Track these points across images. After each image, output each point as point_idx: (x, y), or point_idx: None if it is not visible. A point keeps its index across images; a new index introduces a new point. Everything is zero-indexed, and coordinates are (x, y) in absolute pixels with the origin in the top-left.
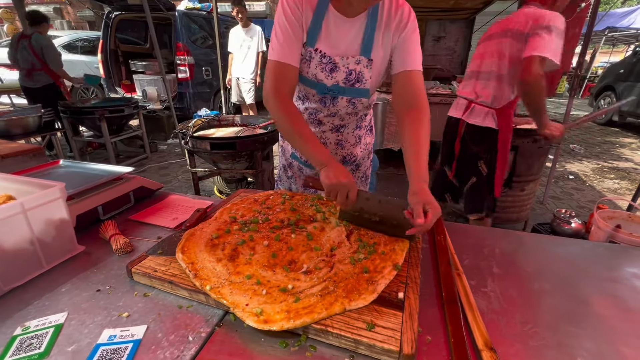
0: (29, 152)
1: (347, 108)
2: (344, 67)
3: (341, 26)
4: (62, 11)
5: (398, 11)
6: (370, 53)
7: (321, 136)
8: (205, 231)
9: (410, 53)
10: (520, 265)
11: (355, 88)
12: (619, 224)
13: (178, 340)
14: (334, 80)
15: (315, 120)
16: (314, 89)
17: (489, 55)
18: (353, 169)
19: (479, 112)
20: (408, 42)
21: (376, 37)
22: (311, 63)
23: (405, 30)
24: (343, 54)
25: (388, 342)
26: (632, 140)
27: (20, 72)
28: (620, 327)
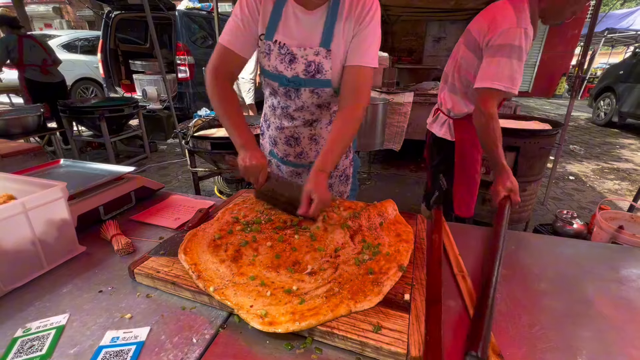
0: (29, 151)
1: (312, 99)
2: (303, 58)
3: (301, 18)
4: (61, 10)
5: (360, 3)
6: (329, 44)
7: (294, 131)
8: (208, 232)
9: (362, 48)
10: (525, 266)
11: (316, 79)
12: (622, 225)
13: (182, 343)
14: (293, 72)
15: (287, 115)
16: (276, 82)
17: (451, 57)
18: None
19: (439, 121)
20: (363, 36)
21: (337, 28)
22: (271, 55)
23: (363, 22)
24: (301, 45)
25: (395, 344)
26: (632, 141)
27: (31, 69)
28: (627, 328)
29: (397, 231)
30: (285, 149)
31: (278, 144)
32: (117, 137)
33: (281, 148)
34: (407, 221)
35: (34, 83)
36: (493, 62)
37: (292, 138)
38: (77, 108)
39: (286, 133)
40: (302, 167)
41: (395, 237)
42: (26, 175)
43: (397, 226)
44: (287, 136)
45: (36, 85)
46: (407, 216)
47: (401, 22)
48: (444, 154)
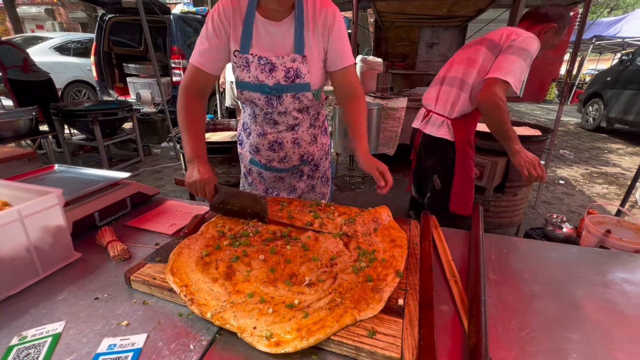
0: (22, 156)
1: (294, 104)
2: (282, 65)
3: (271, 30)
4: (53, 12)
5: (322, 12)
6: (303, 50)
7: (277, 136)
8: (194, 249)
9: (341, 52)
10: (516, 271)
11: (297, 84)
12: (609, 229)
13: (179, 349)
14: (275, 80)
15: (270, 121)
16: (257, 92)
17: (458, 62)
18: (312, 168)
19: (435, 121)
20: (337, 42)
21: (306, 36)
22: (250, 67)
23: (331, 32)
24: (278, 54)
25: (389, 349)
26: (619, 146)
27: (12, 70)
28: (614, 332)
29: (391, 237)
30: (269, 154)
31: (260, 150)
32: (110, 140)
33: (264, 154)
34: (400, 226)
35: (17, 82)
36: (510, 59)
37: (275, 143)
38: (70, 111)
39: (269, 139)
40: (285, 171)
41: (390, 243)
42: (20, 181)
43: (390, 231)
44: (270, 142)
45: (20, 85)
46: (401, 222)
47: (395, 28)
48: (441, 154)
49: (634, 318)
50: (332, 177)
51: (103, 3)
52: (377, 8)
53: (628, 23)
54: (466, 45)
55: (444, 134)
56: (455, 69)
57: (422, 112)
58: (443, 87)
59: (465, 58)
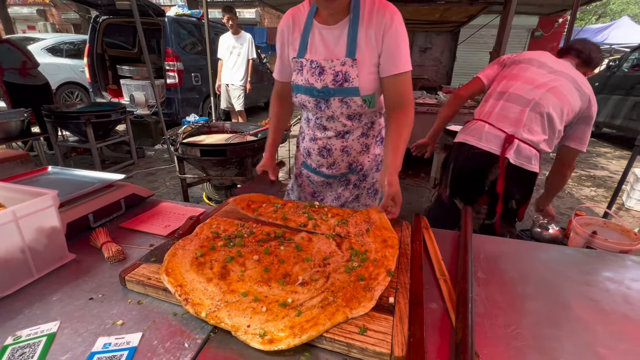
0: (15, 158)
1: (341, 108)
2: (331, 69)
3: (325, 35)
4: (45, 13)
5: (379, 14)
6: (355, 53)
7: (327, 142)
8: (188, 249)
9: (394, 57)
10: (504, 270)
11: (344, 88)
12: (595, 230)
13: (174, 347)
14: (323, 83)
15: (320, 126)
16: (308, 94)
17: (556, 93)
18: (360, 178)
19: (526, 153)
20: (391, 46)
21: (359, 37)
22: (303, 70)
23: (387, 34)
24: (329, 57)
25: (380, 345)
26: (607, 149)
27: (9, 72)
28: (596, 328)
29: (383, 237)
30: (319, 159)
31: (311, 154)
32: (103, 142)
33: (314, 159)
34: (392, 227)
35: (13, 86)
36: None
37: (324, 149)
38: (62, 113)
39: (319, 144)
40: (333, 177)
41: (381, 243)
42: (14, 183)
43: (382, 232)
44: (319, 147)
45: (16, 88)
46: (393, 222)
47: None
48: (529, 185)
49: (616, 315)
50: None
51: (97, 5)
52: None
53: (615, 30)
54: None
55: (534, 167)
56: (551, 100)
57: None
58: (533, 114)
59: (563, 94)
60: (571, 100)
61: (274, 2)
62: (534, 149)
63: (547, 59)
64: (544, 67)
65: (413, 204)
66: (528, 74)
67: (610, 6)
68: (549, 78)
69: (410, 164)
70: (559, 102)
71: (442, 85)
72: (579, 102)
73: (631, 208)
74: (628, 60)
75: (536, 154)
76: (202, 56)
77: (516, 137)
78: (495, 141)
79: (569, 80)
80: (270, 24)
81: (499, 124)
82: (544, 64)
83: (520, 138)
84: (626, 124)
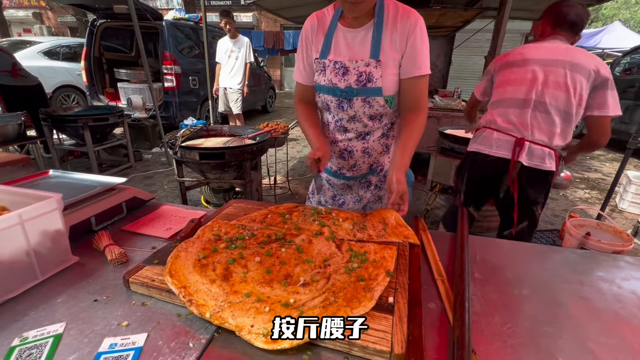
0: (17, 162)
1: (364, 108)
2: (355, 69)
3: (350, 37)
4: (41, 16)
5: (403, 19)
6: (379, 55)
7: (347, 145)
8: (191, 252)
9: (415, 59)
10: (499, 270)
11: (368, 88)
12: (589, 232)
13: (179, 347)
14: (346, 83)
15: (341, 128)
16: (330, 94)
17: (556, 86)
18: (380, 179)
19: (538, 153)
20: (413, 49)
21: (384, 40)
22: (326, 71)
23: (411, 36)
24: (353, 58)
25: (380, 343)
26: (600, 152)
27: (1, 75)
28: (589, 326)
29: (404, 234)
30: (339, 162)
31: (332, 157)
32: (100, 146)
33: (335, 162)
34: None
35: (6, 88)
36: (611, 94)
37: (345, 151)
38: (60, 116)
39: (340, 146)
40: (353, 179)
41: (380, 245)
42: (16, 186)
43: (400, 229)
44: (340, 149)
45: (9, 90)
46: None
47: None
48: (546, 185)
49: (607, 313)
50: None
51: (94, 9)
52: None
53: (607, 35)
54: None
55: (550, 166)
56: (552, 94)
57: (503, 139)
58: (538, 114)
59: (562, 84)
60: (571, 83)
61: (271, 7)
62: (547, 148)
63: (536, 53)
64: (535, 63)
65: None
66: (515, 75)
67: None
68: (542, 73)
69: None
70: (558, 92)
71: (437, 89)
72: (583, 79)
73: (624, 210)
74: (620, 65)
75: (550, 152)
76: (200, 60)
77: (526, 139)
78: (507, 146)
79: (562, 67)
80: (267, 27)
81: (506, 130)
82: (533, 60)
83: (531, 140)
84: (618, 127)
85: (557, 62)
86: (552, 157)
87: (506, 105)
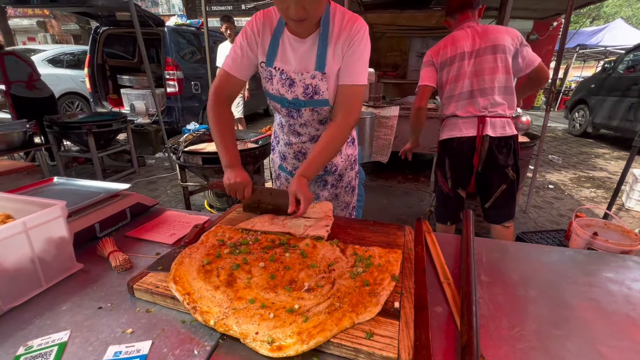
0: (22, 169)
1: (313, 116)
2: (301, 82)
3: (296, 47)
4: (45, 24)
5: (348, 25)
6: (324, 67)
7: (301, 147)
8: (194, 257)
9: (350, 68)
10: (506, 273)
11: (315, 100)
12: (596, 232)
13: (184, 354)
14: (293, 95)
15: (294, 132)
16: (279, 104)
17: (491, 71)
18: (336, 178)
19: (499, 124)
20: (352, 56)
21: (329, 51)
22: (273, 80)
23: (352, 43)
24: (299, 70)
25: (386, 349)
26: (605, 150)
27: (16, 85)
28: (598, 328)
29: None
30: (294, 162)
31: (287, 158)
32: (104, 152)
33: (290, 162)
34: (395, 232)
35: (20, 99)
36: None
37: (299, 153)
38: (64, 123)
39: (294, 148)
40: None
41: (385, 249)
42: (20, 194)
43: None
44: (295, 151)
45: (22, 101)
46: (396, 227)
47: (386, 38)
48: (512, 148)
49: (617, 315)
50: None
51: (97, 16)
52: (369, 20)
53: (609, 32)
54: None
55: (512, 131)
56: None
57: (469, 122)
58: (486, 98)
59: (499, 67)
60: (500, 63)
61: None
62: (504, 118)
63: (465, 44)
64: (468, 56)
65: (414, 208)
66: (462, 70)
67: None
68: (476, 63)
69: (411, 169)
70: (494, 75)
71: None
72: (507, 56)
73: (631, 209)
74: (623, 62)
75: (507, 120)
76: (202, 65)
77: (486, 116)
78: (472, 126)
79: (490, 53)
80: None
81: (467, 114)
82: (467, 54)
83: (489, 115)
84: (623, 125)
85: (483, 50)
86: (510, 124)
87: (458, 99)
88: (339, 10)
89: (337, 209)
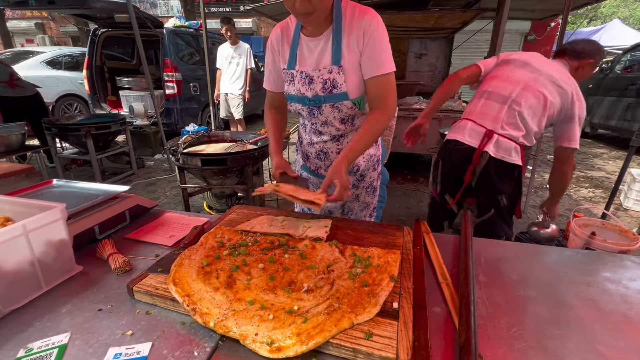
0: (21, 172)
1: (333, 113)
2: (319, 78)
3: (312, 47)
4: (44, 26)
5: (359, 17)
6: (340, 61)
7: (323, 146)
8: (194, 259)
9: (374, 60)
10: (504, 272)
11: (334, 94)
12: (594, 231)
13: (184, 356)
14: (313, 92)
15: (316, 131)
16: (300, 103)
17: (533, 91)
18: (358, 178)
19: (506, 146)
20: (371, 49)
21: (343, 45)
22: (294, 81)
23: (368, 35)
24: (316, 67)
25: (385, 349)
26: (603, 150)
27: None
28: (597, 328)
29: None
30: (316, 162)
31: (310, 158)
32: (103, 154)
33: (313, 162)
34: (393, 233)
35: (4, 99)
36: (577, 126)
37: (321, 152)
38: (63, 125)
39: (316, 148)
40: None
41: (384, 249)
42: (20, 197)
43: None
44: (317, 151)
45: (6, 101)
46: (394, 228)
47: None
48: (512, 177)
49: (615, 314)
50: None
51: (96, 18)
52: None
53: (606, 33)
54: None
55: (515, 160)
56: (530, 98)
57: (477, 130)
58: (511, 111)
59: (541, 93)
60: (549, 96)
61: (270, 12)
62: (514, 142)
63: (533, 59)
64: (527, 67)
65: (412, 209)
66: (509, 72)
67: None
68: (529, 77)
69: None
70: (535, 99)
71: None
72: (559, 98)
73: (629, 208)
74: (620, 62)
75: (516, 146)
76: (200, 66)
77: (495, 132)
78: (477, 136)
79: (547, 79)
80: (267, 33)
81: (480, 121)
82: (527, 64)
83: (499, 133)
84: (620, 125)
85: (548, 74)
86: (517, 151)
87: (488, 97)
88: (350, 4)
89: (357, 209)
